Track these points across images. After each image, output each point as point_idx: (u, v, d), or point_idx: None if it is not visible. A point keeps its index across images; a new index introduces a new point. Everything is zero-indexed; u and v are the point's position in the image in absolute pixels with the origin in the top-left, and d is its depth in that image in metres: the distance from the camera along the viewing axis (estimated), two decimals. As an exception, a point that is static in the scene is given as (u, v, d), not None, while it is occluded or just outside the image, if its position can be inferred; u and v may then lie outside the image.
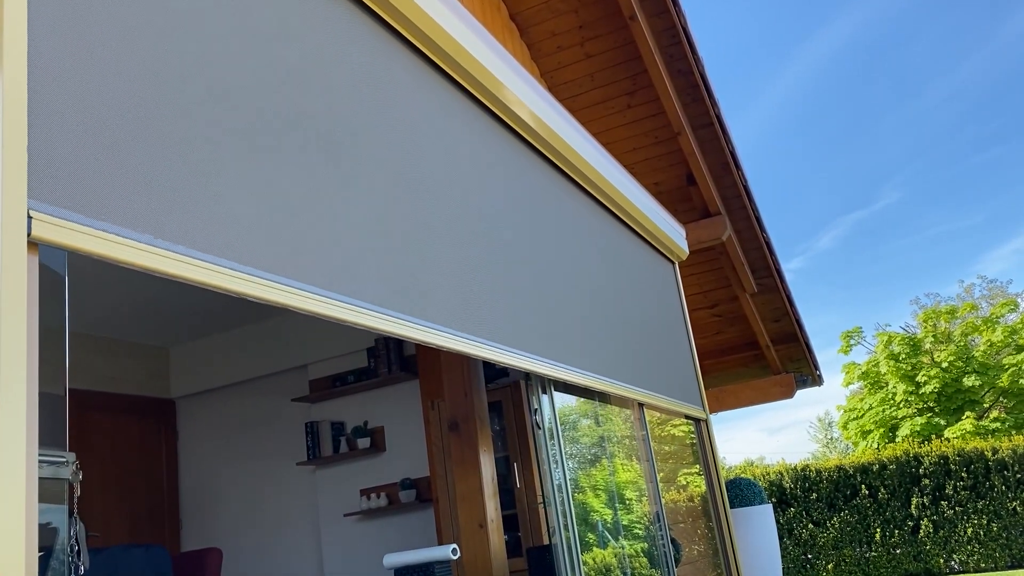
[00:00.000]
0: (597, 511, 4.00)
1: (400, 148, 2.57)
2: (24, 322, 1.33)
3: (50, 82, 1.45)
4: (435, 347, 2.44)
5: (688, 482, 5.50)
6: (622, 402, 4.40)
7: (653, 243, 5.42)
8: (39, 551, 1.30)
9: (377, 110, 2.50)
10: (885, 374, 18.92)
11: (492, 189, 3.19)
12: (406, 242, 2.44)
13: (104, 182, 1.53)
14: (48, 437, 1.39)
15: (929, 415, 18.05)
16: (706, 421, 5.59)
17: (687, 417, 5.44)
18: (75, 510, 1.53)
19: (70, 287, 1.53)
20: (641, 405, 4.50)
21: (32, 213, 1.35)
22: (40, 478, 1.33)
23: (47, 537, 1.44)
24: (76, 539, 1.53)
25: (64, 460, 1.48)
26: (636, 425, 4.51)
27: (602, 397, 4.18)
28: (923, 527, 10.42)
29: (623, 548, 4.07)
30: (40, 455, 1.33)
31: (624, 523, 4.23)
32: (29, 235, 1.34)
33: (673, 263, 5.87)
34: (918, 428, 17.70)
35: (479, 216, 2.99)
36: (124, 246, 1.53)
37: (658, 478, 4.59)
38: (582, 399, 4.22)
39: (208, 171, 1.79)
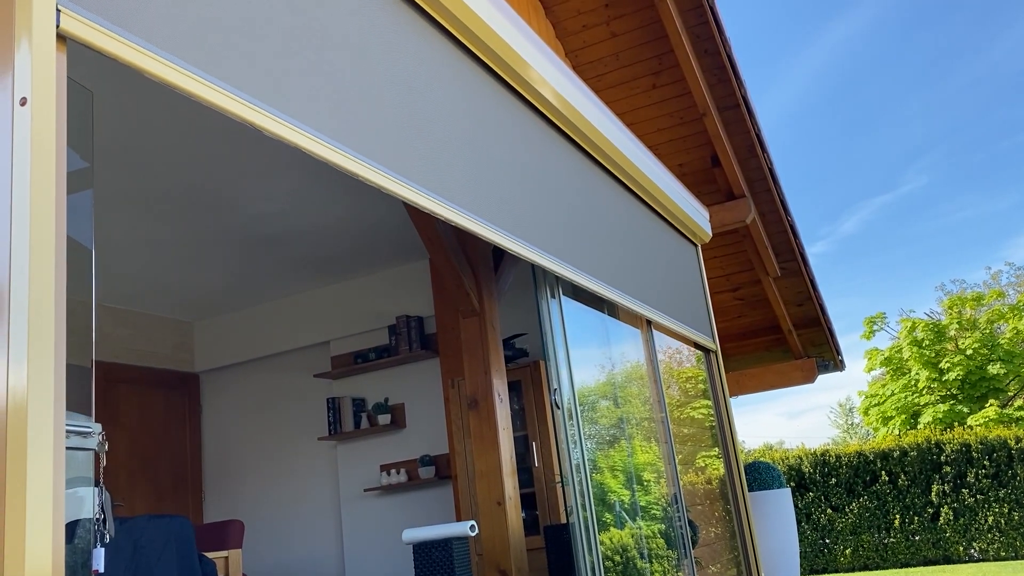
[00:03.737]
0: (615, 491, 4.02)
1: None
2: (53, 115, 1.38)
3: None
4: (454, 223, 2.63)
5: (706, 464, 5.50)
6: (632, 320, 4.46)
7: (676, 225, 5.39)
8: (66, 519, 1.33)
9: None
10: (908, 360, 18.74)
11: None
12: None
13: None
14: (75, 408, 1.41)
15: (952, 402, 17.87)
16: (716, 353, 5.61)
17: (696, 346, 5.47)
18: (101, 480, 1.56)
19: (97, 260, 1.55)
20: (649, 323, 4.53)
21: (61, 7, 1.44)
22: (67, 448, 1.35)
23: (74, 505, 1.47)
24: (102, 508, 1.56)
25: (90, 431, 1.50)
26: (644, 347, 4.55)
27: (611, 311, 4.24)
28: (943, 514, 10.36)
29: (640, 528, 4.09)
30: (67, 425, 1.36)
31: (641, 504, 4.25)
32: (58, 27, 1.42)
33: (696, 245, 5.84)
34: (940, 415, 17.54)
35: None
36: (143, 54, 1.59)
37: (676, 459, 4.59)
38: (600, 381, 4.22)
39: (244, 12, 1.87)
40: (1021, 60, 51.05)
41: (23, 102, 1.34)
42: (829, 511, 10.85)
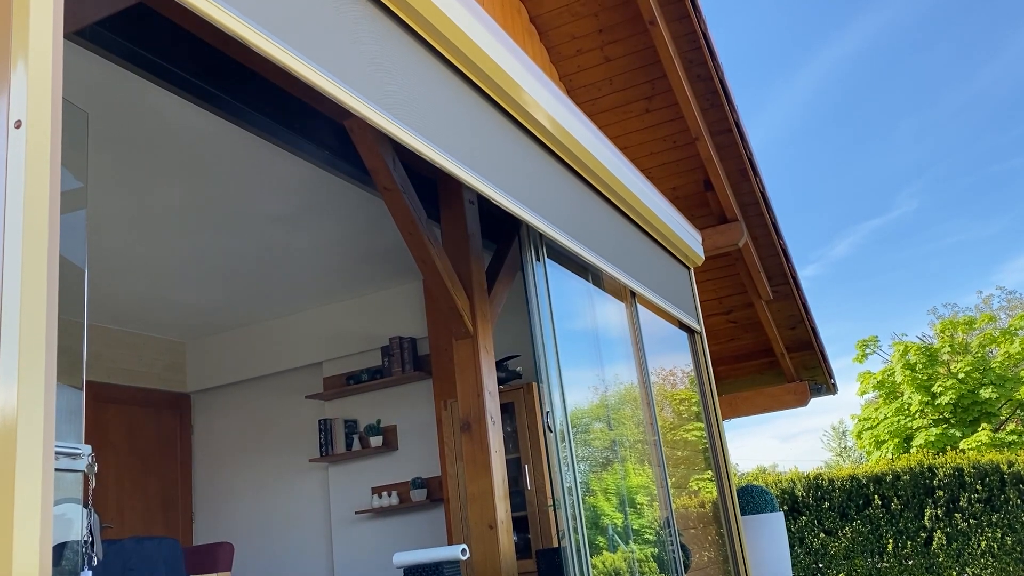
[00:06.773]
0: (607, 514, 4.00)
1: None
2: (48, 137, 1.38)
3: None
4: (447, 171, 2.74)
5: (699, 488, 5.48)
6: (616, 292, 4.50)
7: (669, 248, 5.41)
8: (53, 541, 1.32)
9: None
10: (900, 384, 18.77)
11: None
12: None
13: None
14: (65, 429, 1.41)
15: (944, 426, 17.88)
16: (700, 334, 5.62)
17: (681, 326, 5.47)
18: (90, 502, 1.55)
19: (90, 280, 1.55)
20: (633, 295, 4.56)
21: None
22: (56, 469, 1.34)
23: (62, 527, 1.46)
24: (90, 530, 1.55)
25: (80, 452, 1.50)
26: (628, 319, 4.57)
27: (596, 281, 4.29)
28: (936, 539, 10.33)
29: (633, 552, 4.07)
30: (56, 447, 1.35)
31: (634, 527, 4.23)
32: None
33: (689, 268, 5.85)
34: (933, 439, 17.54)
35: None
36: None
37: (669, 482, 4.58)
38: (594, 402, 4.22)
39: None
40: (1011, 85, 51.54)
41: (18, 125, 1.34)
42: (822, 535, 10.81)
